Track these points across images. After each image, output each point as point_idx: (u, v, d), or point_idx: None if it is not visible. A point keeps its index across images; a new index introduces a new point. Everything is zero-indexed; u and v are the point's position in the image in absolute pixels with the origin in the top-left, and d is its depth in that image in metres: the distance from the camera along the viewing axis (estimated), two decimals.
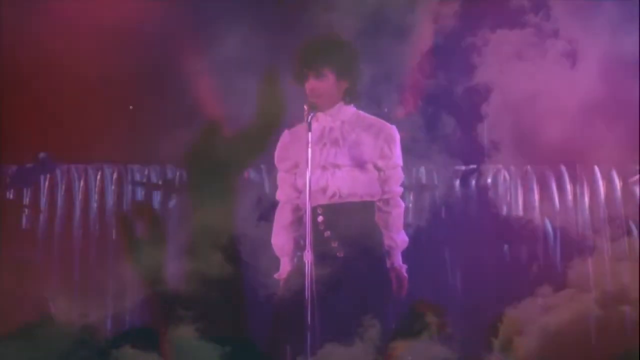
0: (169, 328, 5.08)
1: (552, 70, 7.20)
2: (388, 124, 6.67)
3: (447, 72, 7.96)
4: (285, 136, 6.76)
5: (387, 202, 6.63)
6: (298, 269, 6.47)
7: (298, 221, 6.66)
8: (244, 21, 7.55)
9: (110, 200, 8.63)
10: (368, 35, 7.35)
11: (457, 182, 8.41)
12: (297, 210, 6.67)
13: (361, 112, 6.68)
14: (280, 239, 6.69)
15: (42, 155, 8.08)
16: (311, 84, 6.55)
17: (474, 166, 8.48)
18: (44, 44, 7.89)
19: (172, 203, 8.45)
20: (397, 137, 6.64)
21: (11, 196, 8.58)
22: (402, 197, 6.76)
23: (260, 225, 6.99)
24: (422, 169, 8.44)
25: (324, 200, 6.48)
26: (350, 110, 6.66)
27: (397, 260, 6.57)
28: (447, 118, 7.96)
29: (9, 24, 7.93)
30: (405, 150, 6.83)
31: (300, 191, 6.60)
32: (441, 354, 4.78)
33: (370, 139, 6.60)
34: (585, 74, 7.12)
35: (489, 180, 8.51)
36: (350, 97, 6.64)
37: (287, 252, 6.67)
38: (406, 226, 6.86)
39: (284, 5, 7.76)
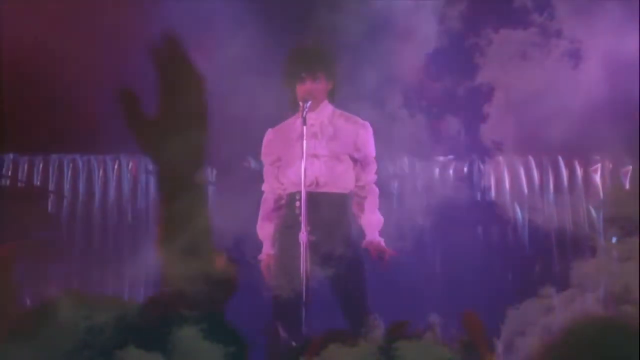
0: (172, 328, 4.31)
1: (555, 69, 6.39)
2: (362, 120, 6.39)
3: (451, 73, 7.28)
4: (270, 134, 6.51)
5: (362, 188, 6.37)
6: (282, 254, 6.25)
7: (279, 208, 6.43)
8: (249, 23, 6.86)
9: (126, 187, 8.20)
10: (372, 36, 6.72)
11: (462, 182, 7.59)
12: (279, 199, 6.43)
13: (337, 110, 6.43)
14: (266, 228, 6.42)
15: None
16: (308, 86, 6.30)
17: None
18: (59, 42, 7.23)
19: None
20: (371, 131, 6.39)
21: (38, 183, 8.15)
22: (376, 183, 6.45)
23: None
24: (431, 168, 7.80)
25: (311, 186, 6.16)
26: (330, 108, 6.43)
27: (374, 235, 6.28)
28: (450, 118, 7.34)
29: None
30: (409, 150, 6.56)
31: (281, 182, 6.39)
32: (444, 354, 4.08)
33: (347, 133, 6.35)
34: (588, 73, 6.32)
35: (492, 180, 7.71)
36: (332, 96, 6.44)
37: (268, 237, 6.39)
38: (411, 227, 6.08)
39: (288, 7, 7.11)
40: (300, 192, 6.06)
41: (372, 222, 6.30)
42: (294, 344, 5.56)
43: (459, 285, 7.26)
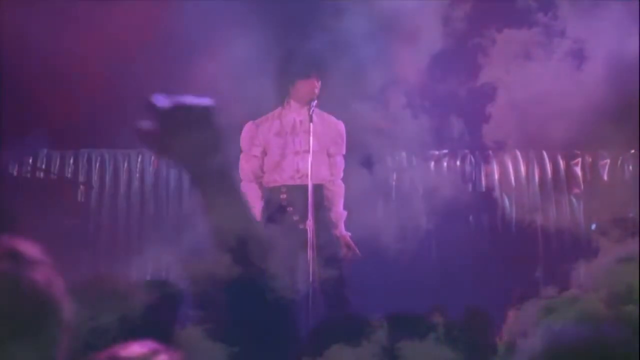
0: (176, 328, 3.74)
1: (558, 69, 5.87)
2: (337, 120, 6.17)
3: (454, 73, 6.82)
4: (251, 126, 6.15)
5: (333, 182, 6.15)
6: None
7: (262, 195, 6.14)
8: (254, 25, 6.36)
9: (149, 179, 7.93)
10: (377, 38, 6.22)
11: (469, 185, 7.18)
12: (261, 186, 6.15)
13: (317, 109, 6.08)
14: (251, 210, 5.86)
15: None
16: (313, 84, 5.96)
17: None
18: (86, 44, 6.92)
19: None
20: (344, 131, 6.18)
21: (69, 175, 7.91)
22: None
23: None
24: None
25: (292, 179, 5.99)
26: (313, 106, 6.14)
27: (342, 229, 6.09)
28: (453, 118, 6.88)
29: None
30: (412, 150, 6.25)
31: (264, 172, 6.11)
32: (447, 355, 3.54)
33: (327, 131, 6.11)
34: (591, 73, 5.79)
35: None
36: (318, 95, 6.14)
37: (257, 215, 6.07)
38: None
39: (293, 8, 6.54)
40: (286, 186, 5.96)
41: (341, 216, 6.10)
42: None
43: (458, 280, 6.78)
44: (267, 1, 6.51)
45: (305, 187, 5.83)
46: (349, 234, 6.05)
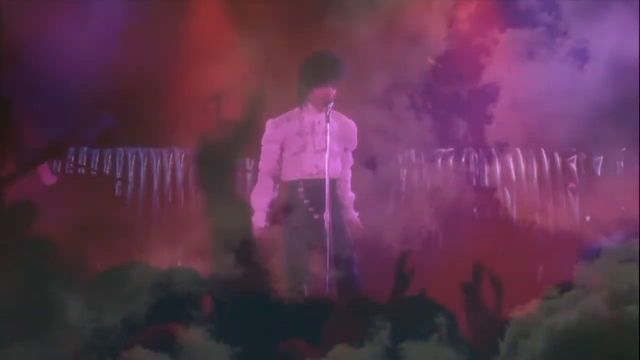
0: (180, 329, 3.41)
1: (560, 69, 5.51)
2: (350, 120, 6.12)
3: (458, 74, 6.49)
4: (271, 124, 6.08)
5: (347, 174, 6.11)
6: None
7: (276, 187, 6.06)
8: (261, 27, 6.09)
9: (180, 174, 7.70)
10: (380, 39, 5.98)
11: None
12: (277, 179, 6.06)
13: (332, 110, 6.05)
14: (262, 199, 5.99)
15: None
16: (330, 91, 5.88)
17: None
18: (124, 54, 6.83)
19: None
20: (356, 129, 6.13)
21: (107, 171, 7.73)
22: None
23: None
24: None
25: (311, 175, 5.92)
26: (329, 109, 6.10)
27: (352, 211, 6.08)
28: (455, 118, 6.60)
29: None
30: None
31: (282, 167, 6.03)
32: (449, 355, 3.20)
33: (342, 130, 6.05)
34: (593, 73, 5.41)
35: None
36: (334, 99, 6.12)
37: (264, 209, 5.96)
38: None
39: (299, 11, 6.26)
40: (303, 180, 5.88)
41: (352, 199, 6.05)
42: None
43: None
44: (273, 4, 6.26)
45: (322, 180, 5.77)
46: (357, 213, 6.03)
